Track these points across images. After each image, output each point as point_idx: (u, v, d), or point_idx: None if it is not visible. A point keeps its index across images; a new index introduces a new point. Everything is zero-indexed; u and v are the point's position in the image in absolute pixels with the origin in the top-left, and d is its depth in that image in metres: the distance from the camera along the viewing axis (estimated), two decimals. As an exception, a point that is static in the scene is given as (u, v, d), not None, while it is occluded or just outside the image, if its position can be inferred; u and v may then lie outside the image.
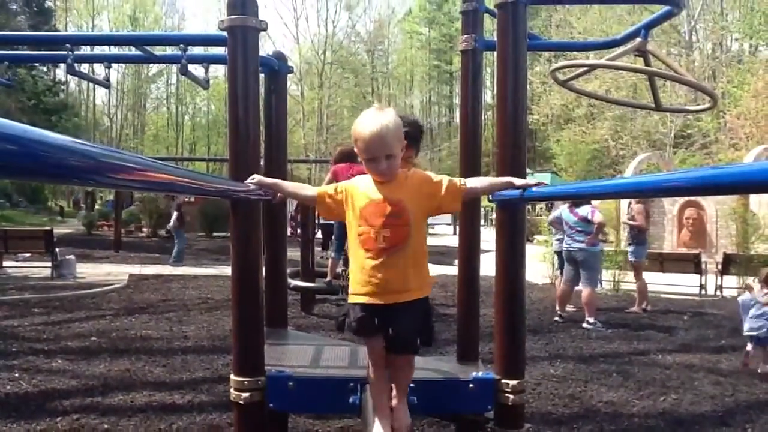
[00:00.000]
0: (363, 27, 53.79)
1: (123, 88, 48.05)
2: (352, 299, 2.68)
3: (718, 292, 12.07)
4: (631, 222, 10.23)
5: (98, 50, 5.82)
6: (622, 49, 3.98)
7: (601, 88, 26.39)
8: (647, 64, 3.79)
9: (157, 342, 6.77)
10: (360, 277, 2.63)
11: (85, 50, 5.37)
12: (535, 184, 2.70)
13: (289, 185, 3.00)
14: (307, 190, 2.95)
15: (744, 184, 1.16)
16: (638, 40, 3.78)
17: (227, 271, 3.90)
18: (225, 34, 3.17)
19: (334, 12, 50.74)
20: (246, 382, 3.11)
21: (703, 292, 12.09)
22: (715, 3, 34.44)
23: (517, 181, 2.73)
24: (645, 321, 8.92)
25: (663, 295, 11.39)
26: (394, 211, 2.58)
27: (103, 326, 7.53)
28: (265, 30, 3.11)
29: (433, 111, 65.77)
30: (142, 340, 6.85)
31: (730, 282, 12.11)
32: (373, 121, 2.56)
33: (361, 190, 2.68)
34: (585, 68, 4.28)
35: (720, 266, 12.38)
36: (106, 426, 4.15)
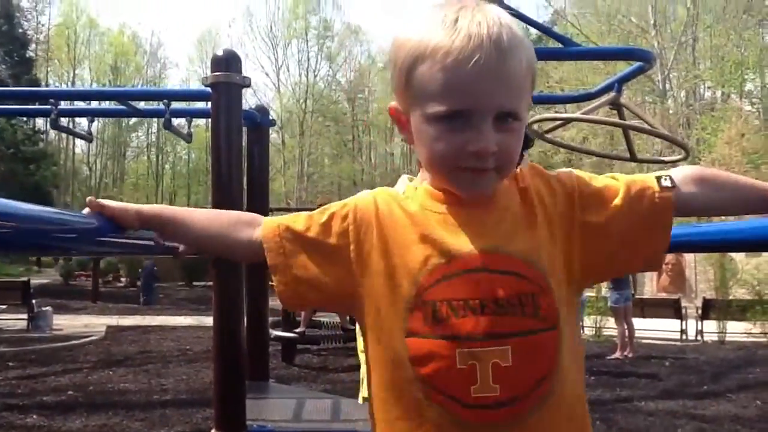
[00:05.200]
0: (344, 76, 54.42)
1: (103, 137, 48.03)
2: None
3: (699, 337, 12.15)
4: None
5: (81, 103, 5.88)
6: (597, 102, 4.10)
7: (578, 135, 26.86)
8: (621, 116, 3.90)
9: (135, 395, 6.66)
10: None
11: (69, 102, 5.43)
12: None
13: (186, 217, 1.23)
14: (239, 228, 1.19)
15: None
16: (612, 93, 3.90)
17: (207, 321, 3.88)
18: (208, 89, 3.22)
19: (315, 62, 51.29)
20: (227, 438, 3.07)
21: (683, 336, 12.16)
22: (687, 52, 35.41)
23: None
24: (627, 367, 8.93)
25: (644, 341, 11.42)
26: (518, 285, 1.02)
27: (79, 380, 7.40)
28: (248, 86, 3.17)
29: (413, 160, 66.32)
30: (120, 393, 6.73)
31: (710, 327, 12.19)
32: (474, 17, 0.99)
33: (413, 224, 1.07)
34: (561, 121, 4.39)
35: (700, 311, 12.49)
36: (82, 485, 4.06)
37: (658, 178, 1.09)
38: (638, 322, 11.56)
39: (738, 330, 11.99)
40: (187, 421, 5.58)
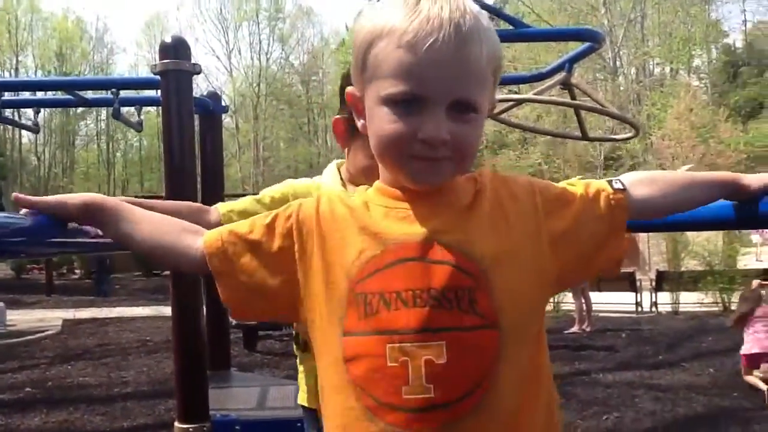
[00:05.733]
0: (297, 58, 53.88)
1: (50, 126, 46.79)
2: None
3: (653, 309, 12.49)
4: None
5: (26, 93, 5.72)
6: (548, 82, 4.14)
7: (532, 113, 27.16)
8: (572, 96, 3.95)
9: (96, 389, 6.56)
10: None
11: (13, 93, 5.26)
12: None
13: (131, 218, 1.14)
14: (183, 236, 1.12)
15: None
16: (563, 73, 3.94)
17: (166, 311, 3.84)
18: (158, 77, 3.16)
19: (267, 44, 50.67)
20: (191, 429, 3.05)
21: (639, 309, 12.48)
22: (636, 29, 35.97)
23: (747, 179, 1.20)
24: (585, 340, 9.13)
25: (601, 314, 11.68)
26: (454, 278, 0.96)
27: (37, 376, 7.25)
28: (198, 73, 3.12)
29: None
30: (80, 388, 6.63)
31: (664, 298, 12.54)
32: (438, 1, 0.96)
33: (353, 218, 1.03)
34: (513, 102, 4.43)
35: (654, 283, 12.83)
36: (43, 483, 4.00)
37: (610, 182, 1.07)
38: (595, 296, 11.80)
39: (690, 300, 12.35)
40: (150, 413, 5.52)
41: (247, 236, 1.06)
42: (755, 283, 6.94)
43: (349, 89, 1.07)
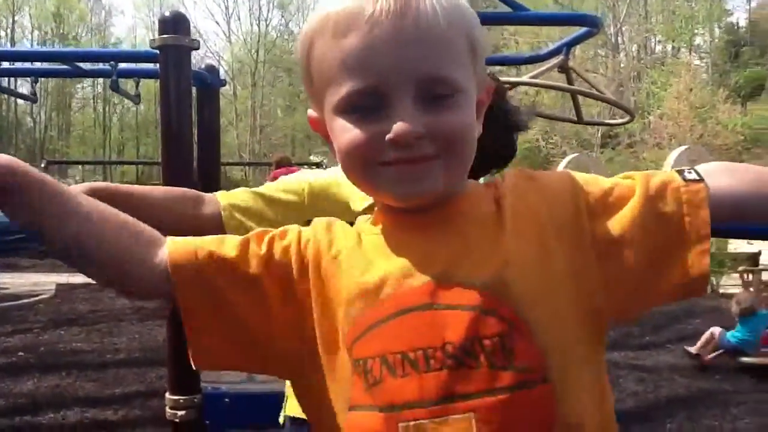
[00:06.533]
0: (296, 25, 53.35)
1: (47, 88, 46.41)
2: None
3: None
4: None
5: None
6: (545, 65, 4.16)
7: (526, 96, 27.08)
8: (569, 80, 3.98)
9: (88, 356, 6.63)
10: None
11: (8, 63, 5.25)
12: None
13: (51, 191, 0.78)
14: (139, 246, 0.82)
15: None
16: (561, 57, 3.96)
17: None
18: (156, 50, 3.16)
19: (267, 10, 50.17)
20: (181, 401, 3.11)
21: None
22: (639, 6, 35.75)
23: None
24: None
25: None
26: (478, 325, 0.72)
27: (30, 340, 7.31)
28: (197, 49, 3.12)
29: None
30: (72, 354, 6.70)
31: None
32: None
33: (346, 256, 0.83)
34: (510, 85, 4.45)
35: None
36: (36, 446, 4.08)
37: (680, 172, 0.79)
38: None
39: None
40: (142, 380, 5.60)
41: (238, 265, 0.81)
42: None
43: (309, 113, 0.87)
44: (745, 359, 6.21)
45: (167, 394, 3.17)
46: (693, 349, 6.46)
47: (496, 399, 0.69)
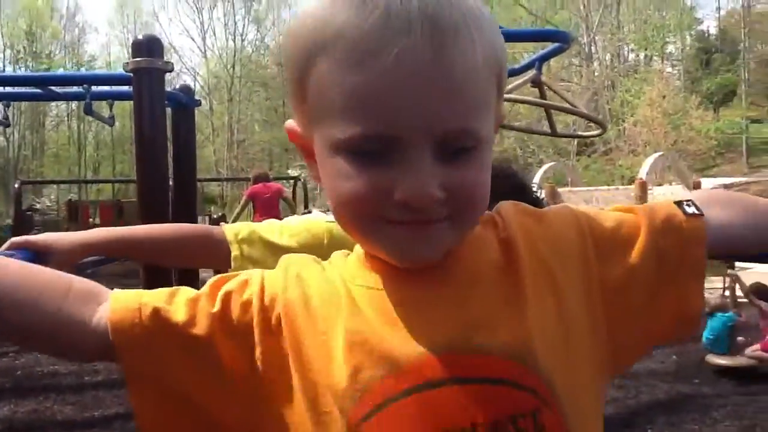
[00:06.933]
0: (272, 40, 53.38)
1: (20, 107, 45.98)
2: None
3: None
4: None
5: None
6: (518, 80, 4.21)
7: (505, 105, 27.38)
8: (542, 94, 4.03)
9: (66, 378, 6.55)
10: None
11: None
12: None
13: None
14: (70, 302, 0.72)
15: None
16: (533, 72, 4.01)
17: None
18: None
19: (243, 25, 50.16)
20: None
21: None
22: (612, 16, 36.26)
23: None
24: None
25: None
26: (509, 401, 0.64)
27: (5, 364, 7.21)
28: (171, 71, 3.15)
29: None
30: (50, 376, 6.61)
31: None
32: None
33: (334, 307, 0.70)
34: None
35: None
36: (14, 474, 4.02)
37: (679, 203, 0.74)
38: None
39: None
40: (121, 402, 5.53)
41: (186, 330, 0.68)
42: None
43: (288, 124, 0.75)
44: (722, 361, 6.29)
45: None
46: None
47: None
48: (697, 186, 16.40)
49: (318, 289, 0.70)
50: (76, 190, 38.05)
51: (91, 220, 18.87)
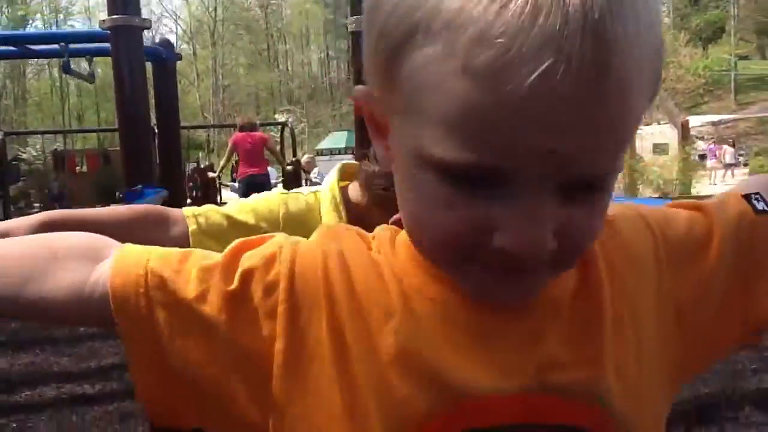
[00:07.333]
0: (254, -19, 52.14)
1: (-1, 55, 44.98)
2: None
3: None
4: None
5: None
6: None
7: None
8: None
9: (61, 330, 6.60)
10: None
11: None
12: None
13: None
14: (66, 263, 0.58)
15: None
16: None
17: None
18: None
19: (224, -34, 48.89)
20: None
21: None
22: None
23: None
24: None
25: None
26: None
27: (1, 318, 7.28)
28: (148, 28, 3.11)
29: (331, 66, 65.12)
30: (45, 329, 6.68)
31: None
32: None
33: (384, 318, 0.55)
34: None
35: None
36: (14, 425, 4.11)
37: (747, 198, 0.65)
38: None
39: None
40: (117, 352, 5.61)
41: (197, 307, 0.55)
42: None
43: (358, 92, 0.58)
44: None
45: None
46: None
47: None
48: (685, 125, 16.45)
49: (364, 275, 0.56)
50: (61, 139, 37.67)
51: (78, 168, 18.74)
